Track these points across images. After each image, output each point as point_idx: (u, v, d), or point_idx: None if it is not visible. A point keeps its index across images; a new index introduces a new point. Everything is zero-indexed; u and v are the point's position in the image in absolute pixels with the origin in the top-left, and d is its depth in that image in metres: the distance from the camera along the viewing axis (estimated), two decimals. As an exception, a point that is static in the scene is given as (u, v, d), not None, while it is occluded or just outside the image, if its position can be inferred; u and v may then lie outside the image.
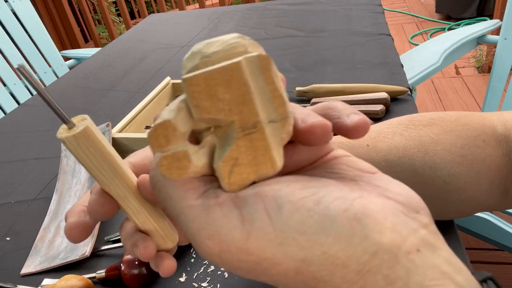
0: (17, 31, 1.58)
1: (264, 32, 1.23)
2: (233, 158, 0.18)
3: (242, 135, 0.18)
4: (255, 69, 0.18)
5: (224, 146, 0.19)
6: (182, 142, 0.18)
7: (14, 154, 0.80)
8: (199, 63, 0.19)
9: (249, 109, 0.18)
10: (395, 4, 3.85)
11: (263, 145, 0.18)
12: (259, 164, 0.18)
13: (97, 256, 0.51)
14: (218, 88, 0.18)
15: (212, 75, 0.18)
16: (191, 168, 0.18)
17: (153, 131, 0.18)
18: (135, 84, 1.02)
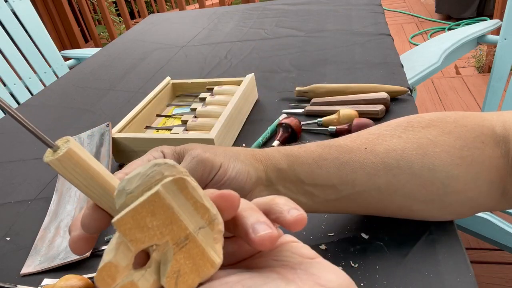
0: (17, 31, 1.58)
1: (264, 32, 1.23)
2: (176, 271, 0.20)
3: (178, 250, 0.20)
4: (174, 190, 0.20)
5: (166, 262, 0.21)
6: (127, 273, 0.20)
7: (14, 154, 0.80)
8: (126, 200, 0.21)
9: (178, 226, 0.20)
10: (395, 4, 3.85)
11: (198, 251, 0.21)
12: (200, 268, 0.21)
13: (97, 256, 0.51)
14: (145, 219, 0.20)
15: (137, 210, 0.20)
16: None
17: (99, 274, 0.20)
18: (135, 84, 1.02)
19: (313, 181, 0.39)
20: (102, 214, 0.26)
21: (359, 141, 0.41)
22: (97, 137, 0.68)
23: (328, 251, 0.46)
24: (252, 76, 0.80)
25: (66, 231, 0.56)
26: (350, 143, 0.40)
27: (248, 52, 1.10)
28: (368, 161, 0.39)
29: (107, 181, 0.24)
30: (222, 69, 1.02)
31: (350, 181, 0.39)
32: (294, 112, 0.75)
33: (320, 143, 0.41)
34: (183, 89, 0.87)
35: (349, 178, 0.39)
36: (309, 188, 0.39)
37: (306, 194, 0.40)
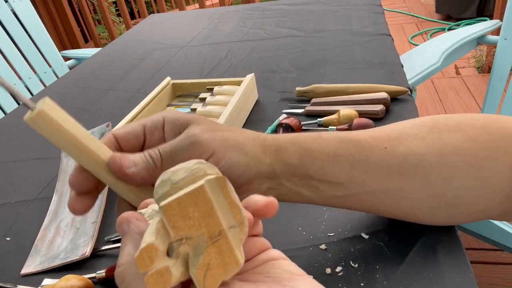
0: (17, 31, 1.58)
1: (264, 32, 1.23)
2: (206, 264, 0.22)
3: (211, 243, 0.22)
4: (215, 188, 0.22)
5: (197, 254, 0.22)
6: (162, 259, 0.21)
7: (14, 154, 0.80)
8: (170, 189, 0.22)
9: (214, 220, 0.22)
10: (395, 4, 3.85)
11: (228, 248, 0.22)
12: (227, 265, 0.22)
13: (97, 256, 0.51)
14: (188, 209, 0.22)
15: (182, 199, 0.21)
16: (172, 280, 0.21)
17: (140, 255, 0.21)
18: (135, 84, 1.02)
19: (323, 177, 0.37)
20: (85, 175, 0.29)
21: (381, 138, 0.38)
22: (97, 137, 0.68)
23: (328, 251, 0.46)
24: (252, 76, 0.80)
25: (66, 231, 0.56)
26: (371, 140, 0.38)
27: (248, 52, 1.10)
28: (384, 163, 0.37)
29: (82, 143, 0.26)
30: (222, 69, 1.02)
31: (360, 181, 0.37)
32: (294, 112, 0.75)
33: (339, 134, 0.38)
34: (183, 89, 0.87)
35: (360, 178, 0.37)
36: (316, 183, 0.38)
37: (311, 188, 0.38)
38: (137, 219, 0.25)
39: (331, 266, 0.44)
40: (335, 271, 0.44)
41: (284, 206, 0.28)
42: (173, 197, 0.22)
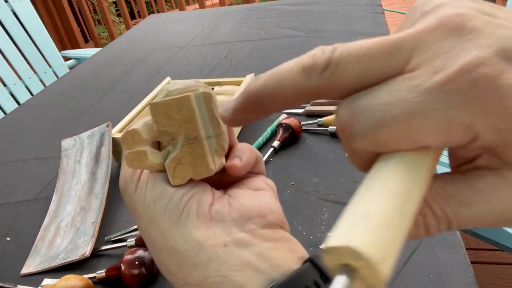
0: (17, 31, 1.58)
1: (264, 32, 1.23)
2: (178, 159, 0.25)
3: (186, 143, 0.25)
4: (200, 100, 0.26)
5: (174, 150, 0.26)
6: (144, 145, 0.25)
7: (14, 154, 0.80)
8: (164, 96, 0.26)
9: (193, 126, 0.25)
10: (395, 4, 3.85)
11: (200, 152, 0.26)
12: (197, 166, 0.26)
13: (97, 256, 0.51)
14: (172, 111, 0.25)
15: (168, 102, 0.25)
16: (147, 162, 0.25)
17: (124, 135, 0.25)
18: (135, 84, 1.02)
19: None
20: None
21: None
22: (97, 137, 0.68)
23: (328, 251, 0.46)
24: (252, 76, 0.80)
25: (66, 231, 0.56)
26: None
27: (248, 52, 1.10)
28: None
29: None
30: (222, 69, 1.02)
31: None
32: (294, 112, 0.75)
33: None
34: (183, 89, 0.87)
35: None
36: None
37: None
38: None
39: (331, 266, 0.44)
40: (335, 271, 0.44)
41: (284, 206, 0.28)
42: (161, 99, 0.25)
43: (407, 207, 0.15)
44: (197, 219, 0.24)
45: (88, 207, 0.59)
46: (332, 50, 0.16)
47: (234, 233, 0.24)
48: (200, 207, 0.25)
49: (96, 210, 0.57)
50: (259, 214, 0.25)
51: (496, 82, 0.14)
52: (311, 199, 0.55)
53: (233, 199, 0.26)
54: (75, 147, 0.70)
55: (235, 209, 0.25)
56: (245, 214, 0.25)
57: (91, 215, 0.57)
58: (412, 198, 0.16)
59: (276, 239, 0.24)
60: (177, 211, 0.25)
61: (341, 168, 0.60)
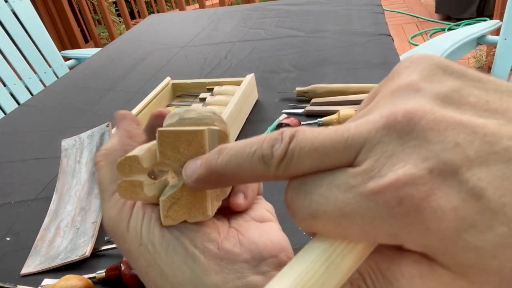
0: (17, 31, 1.58)
1: (264, 32, 1.23)
2: (175, 198, 0.23)
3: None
4: (214, 139, 0.23)
5: (173, 187, 0.23)
6: (142, 174, 0.23)
7: (14, 154, 0.80)
8: (175, 122, 0.24)
9: None
10: (395, 4, 3.85)
11: (201, 195, 0.23)
12: (193, 209, 0.23)
13: (97, 256, 0.51)
14: (181, 144, 0.23)
15: (179, 133, 0.23)
16: (141, 195, 0.23)
17: (123, 160, 0.23)
18: (135, 84, 1.02)
19: None
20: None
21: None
22: (97, 137, 0.68)
23: (328, 251, 0.46)
24: (252, 76, 0.80)
25: (66, 231, 0.56)
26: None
27: (248, 52, 1.10)
28: None
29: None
30: (222, 69, 1.02)
31: None
32: (294, 112, 0.75)
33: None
34: (183, 89, 0.87)
35: None
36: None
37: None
38: (132, 119, 0.28)
39: (331, 266, 0.44)
40: (335, 271, 0.44)
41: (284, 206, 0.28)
42: (173, 128, 0.23)
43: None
44: (206, 262, 0.22)
45: (88, 207, 0.59)
46: (288, 141, 0.17)
47: (247, 276, 0.22)
48: (207, 246, 0.23)
49: (96, 210, 0.57)
50: (271, 254, 0.24)
51: (421, 204, 0.14)
52: (311, 199, 0.55)
53: (242, 236, 0.24)
54: (75, 147, 0.70)
55: (246, 248, 0.23)
56: (257, 255, 0.23)
57: (91, 215, 0.57)
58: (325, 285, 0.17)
59: None
60: (182, 253, 0.22)
61: (341, 168, 0.60)
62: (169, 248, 0.23)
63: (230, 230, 0.25)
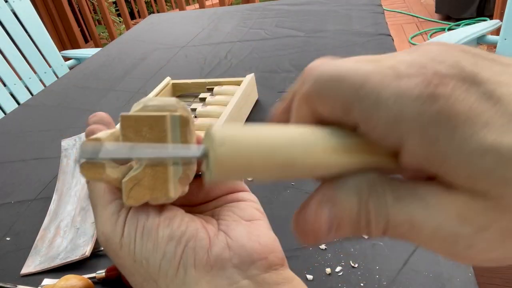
0: (17, 31, 1.58)
1: (264, 32, 1.23)
2: (138, 179, 0.24)
3: (150, 165, 0.24)
4: (176, 124, 0.24)
5: (135, 169, 0.24)
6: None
7: (14, 154, 0.80)
8: (140, 109, 0.25)
9: None
10: (395, 4, 3.85)
11: (163, 177, 0.24)
12: (155, 190, 0.24)
13: (97, 256, 0.51)
14: (143, 128, 0.24)
15: (141, 118, 0.24)
16: (103, 176, 0.23)
17: (85, 142, 0.23)
18: (135, 84, 1.02)
19: None
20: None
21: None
22: (97, 137, 0.68)
23: (328, 251, 0.46)
24: (252, 76, 0.80)
25: (66, 231, 0.56)
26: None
27: (248, 52, 1.10)
28: None
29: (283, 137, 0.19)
30: (222, 69, 1.02)
31: None
32: (294, 112, 0.75)
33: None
34: (183, 89, 0.87)
35: None
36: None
37: None
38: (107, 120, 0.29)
39: (331, 266, 0.44)
40: (335, 271, 0.44)
41: (284, 206, 0.28)
42: (134, 113, 0.24)
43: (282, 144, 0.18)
44: (196, 273, 0.23)
45: (88, 207, 0.59)
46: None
47: (238, 282, 0.23)
48: (197, 256, 0.23)
49: (96, 210, 0.57)
50: (260, 256, 0.24)
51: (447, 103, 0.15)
52: (311, 199, 0.55)
53: (231, 239, 0.24)
54: (75, 147, 0.70)
55: (235, 253, 0.23)
56: (246, 258, 0.23)
57: (91, 215, 0.57)
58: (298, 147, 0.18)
59: (279, 283, 0.23)
60: (173, 267, 0.23)
61: (341, 168, 0.60)
62: (162, 262, 0.23)
63: (219, 233, 0.24)
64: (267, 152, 0.18)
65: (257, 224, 0.26)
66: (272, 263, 0.24)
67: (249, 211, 0.27)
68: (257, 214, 0.27)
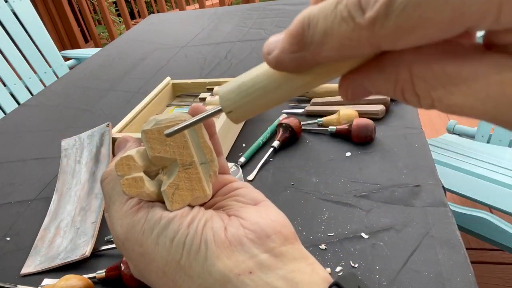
0: (17, 31, 1.58)
1: (264, 32, 1.23)
2: (176, 184, 0.26)
3: (182, 169, 0.26)
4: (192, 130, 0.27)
5: (170, 176, 0.26)
6: (139, 171, 0.26)
7: (14, 154, 0.80)
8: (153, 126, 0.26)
9: (187, 152, 0.26)
10: (395, 4, 3.85)
11: (196, 177, 0.26)
12: (194, 190, 0.26)
13: (97, 256, 0.51)
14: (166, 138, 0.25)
15: (162, 129, 0.25)
16: (145, 189, 0.25)
17: (119, 161, 0.25)
18: (135, 84, 1.02)
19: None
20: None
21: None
22: (97, 137, 0.68)
23: (328, 251, 0.46)
24: (252, 76, 0.80)
25: (66, 231, 0.56)
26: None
27: (248, 52, 1.10)
28: None
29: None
30: (222, 69, 1.02)
31: None
32: (294, 112, 0.75)
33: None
34: (183, 89, 0.87)
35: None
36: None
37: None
38: (134, 141, 0.30)
39: (331, 266, 0.44)
40: (335, 271, 0.44)
41: (284, 206, 0.28)
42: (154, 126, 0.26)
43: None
44: (216, 248, 0.23)
45: (88, 207, 0.59)
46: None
47: (257, 255, 0.23)
48: (216, 234, 0.24)
49: (96, 210, 0.57)
50: (274, 230, 0.25)
51: None
52: (311, 199, 0.55)
53: (243, 219, 0.25)
54: (75, 147, 0.70)
55: (250, 230, 0.24)
56: (261, 233, 0.24)
57: (91, 215, 0.57)
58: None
59: (297, 258, 0.24)
60: (196, 243, 0.24)
61: (341, 168, 0.60)
62: (187, 240, 0.24)
63: (231, 218, 0.26)
64: (262, 102, 0.21)
65: (264, 204, 0.27)
66: (286, 237, 0.25)
67: (252, 195, 0.28)
68: (260, 196, 0.28)
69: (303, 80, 0.19)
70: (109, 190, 0.28)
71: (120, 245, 0.26)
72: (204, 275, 0.23)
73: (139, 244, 0.25)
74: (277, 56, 0.19)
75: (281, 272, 0.23)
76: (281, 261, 0.23)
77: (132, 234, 0.25)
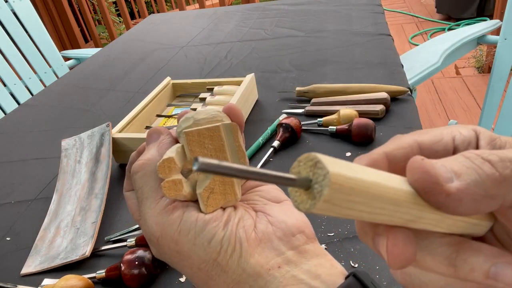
0: (17, 31, 1.58)
1: (264, 32, 1.23)
2: (211, 188, 0.26)
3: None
4: (228, 132, 0.27)
5: (205, 180, 0.27)
6: (178, 173, 0.27)
7: (14, 154, 0.80)
8: (191, 124, 0.27)
9: (223, 156, 0.27)
10: (395, 4, 3.85)
11: (230, 182, 0.27)
12: (227, 195, 0.27)
13: (97, 256, 0.51)
14: (205, 140, 0.27)
15: (202, 131, 0.27)
16: (183, 191, 0.26)
17: (162, 163, 0.26)
18: (135, 84, 1.02)
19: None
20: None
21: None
22: (97, 137, 0.68)
23: (328, 251, 0.46)
24: (252, 76, 0.80)
25: (66, 231, 0.56)
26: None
27: (248, 52, 1.10)
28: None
29: (393, 188, 0.17)
30: (222, 69, 1.02)
31: None
32: (294, 112, 0.75)
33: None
34: (183, 89, 0.87)
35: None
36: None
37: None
38: (168, 134, 0.30)
39: (331, 266, 0.44)
40: (335, 271, 0.44)
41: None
42: (195, 128, 0.27)
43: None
44: (249, 246, 0.26)
45: (88, 207, 0.59)
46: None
47: (284, 252, 0.26)
48: (247, 232, 0.26)
49: (96, 210, 0.57)
50: (299, 229, 0.27)
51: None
52: (311, 199, 0.55)
53: (271, 217, 0.27)
54: (75, 147, 0.70)
55: (277, 227, 0.27)
56: (288, 232, 0.26)
57: (91, 215, 0.57)
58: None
59: (318, 255, 0.27)
60: (232, 243, 0.26)
61: (341, 168, 0.60)
62: (224, 240, 0.26)
63: (258, 214, 0.28)
64: (372, 206, 0.16)
65: (286, 204, 0.29)
66: (309, 236, 0.27)
67: (275, 193, 0.30)
68: (282, 195, 0.30)
69: (452, 220, 0.17)
70: (142, 184, 0.28)
71: (154, 241, 0.27)
72: (238, 270, 0.25)
73: (175, 242, 0.27)
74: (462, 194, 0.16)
75: (305, 266, 0.25)
76: (305, 257, 0.26)
77: (167, 232, 0.27)
